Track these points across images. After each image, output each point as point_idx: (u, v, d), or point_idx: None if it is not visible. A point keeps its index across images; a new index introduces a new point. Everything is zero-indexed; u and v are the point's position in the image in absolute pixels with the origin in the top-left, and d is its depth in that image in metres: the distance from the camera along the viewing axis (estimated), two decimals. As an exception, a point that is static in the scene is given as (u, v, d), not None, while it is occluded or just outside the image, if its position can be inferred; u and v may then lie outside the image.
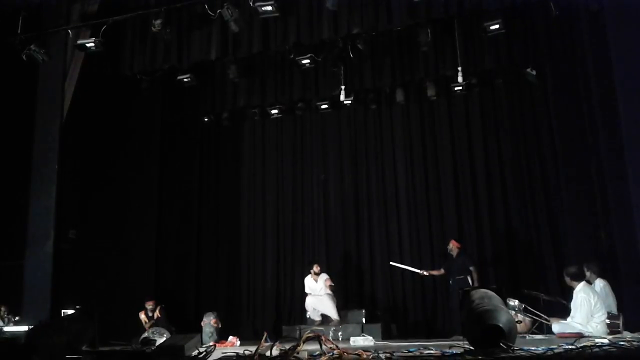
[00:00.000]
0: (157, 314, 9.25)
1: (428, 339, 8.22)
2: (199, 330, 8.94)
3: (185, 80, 9.91)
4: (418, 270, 9.63)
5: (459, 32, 9.20)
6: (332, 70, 10.02)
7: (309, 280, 9.55)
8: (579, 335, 6.17)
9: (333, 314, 9.21)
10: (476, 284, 8.83)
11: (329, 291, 9.37)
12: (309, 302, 9.42)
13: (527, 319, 7.72)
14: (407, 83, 10.33)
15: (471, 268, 9.04)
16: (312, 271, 9.56)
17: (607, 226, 8.22)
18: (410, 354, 4.20)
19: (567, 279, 7.06)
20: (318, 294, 9.38)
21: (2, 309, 8.68)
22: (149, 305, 9.27)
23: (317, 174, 11.24)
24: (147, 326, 9.07)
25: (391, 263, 10.01)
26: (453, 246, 9.26)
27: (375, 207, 10.73)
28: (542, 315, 7.62)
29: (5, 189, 9.22)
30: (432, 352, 4.19)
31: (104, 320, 5.75)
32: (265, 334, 4.93)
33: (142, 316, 9.25)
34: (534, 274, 9.50)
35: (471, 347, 4.12)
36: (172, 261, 10.97)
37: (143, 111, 10.79)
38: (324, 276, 9.52)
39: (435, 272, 9.51)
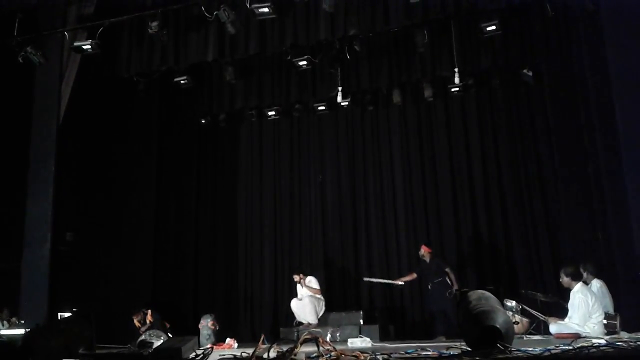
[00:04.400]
0: (149, 318, 9.20)
1: (426, 340, 8.22)
2: (197, 332, 8.93)
3: (182, 82, 9.91)
4: (392, 282, 9.60)
5: (456, 33, 9.20)
6: (329, 71, 10.01)
7: (298, 287, 9.54)
8: (576, 336, 6.17)
9: (310, 318, 9.13)
10: (455, 285, 8.87)
11: (311, 294, 9.27)
12: (292, 306, 9.40)
13: (525, 319, 7.73)
14: (404, 84, 10.34)
15: (447, 269, 9.06)
16: (295, 281, 9.51)
17: (603, 226, 8.24)
18: (407, 355, 4.20)
19: (565, 279, 7.05)
20: (301, 297, 9.38)
21: (5, 311, 8.65)
22: (138, 317, 9.19)
23: (314, 175, 11.24)
24: (140, 331, 9.04)
25: (364, 279, 9.96)
26: (425, 251, 9.26)
27: (372, 208, 10.74)
28: (539, 314, 7.63)
29: (2, 191, 9.19)
30: (429, 353, 4.20)
31: (101, 323, 5.74)
32: (263, 336, 4.92)
33: (136, 322, 9.22)
34: (531, 275, 9.52)
35: (468, 348, 4.12)
36: (169, 263, 10.94)
37: (140, 113, 10.77)
38: (308, 280, 9.45)
39: (408, 278, 9.49)
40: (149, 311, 9.26)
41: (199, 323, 9.22)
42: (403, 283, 9.57)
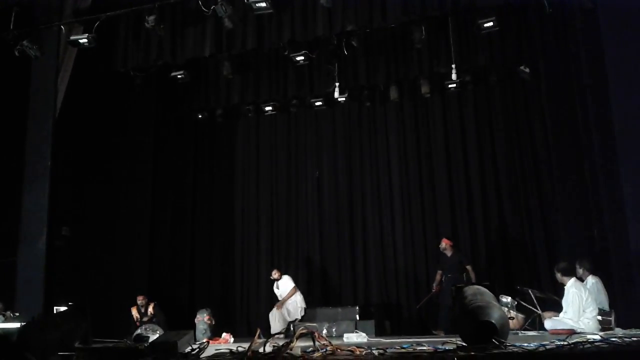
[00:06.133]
0: (150, 310, 9.24)
1: (421, 336, 8.24)
2: (193, 327, 8.93)
3: (179, 76, 9.87)
4: (432, 292, 9.37)
5: (453, 29, 9.20)
6: (326, 67, 9.99)
7: (274, 289, 9.53)
8: (571, 332, 6.21)
9: (275, 327, 9.03)
10: (473, 283, 8.80)
11: (287, 296, 9.24)
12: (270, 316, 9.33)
13: (520, 315, 7.75)
14: (401, 80, 10.34)
15: (468, 267, 9.02)
16: (272, 278, 9.51)
17: (599, 224, 8.26)
18: (403, 350, 4.21)
19: (558, 275, 7.11)
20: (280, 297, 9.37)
21: (0, 305, 8.65)
22: (140, 300, 9.26)
23: (311, 170, 11.24)
24: (138, 322, 9.07)
25: (417, 307, 9.71)
26: (446, 245, 9.21)
27: (369, 204, 10.74)
28: (534, 308, 7.66)
29: (-2, 186, 9.17)
30: (425, 348, 4.21)
31: (97, 317, 5.73)
32: (259, 331, 4.93)
33: (134, 312, 9.26)
34: (527, 271, 9.56)
35: (464, 343, 4.13)
36: (166, 258, 10.95)
37: (137, 108, 10.75)
38: (283, 280, 9.43)
39: (438, 278, 9.27)
40: (152, 304, 9.29)
41: (195, 317, 9.22)
42: (437, 287, 9.27)
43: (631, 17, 7.39)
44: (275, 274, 9.47)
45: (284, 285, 9.41)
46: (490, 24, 8.34)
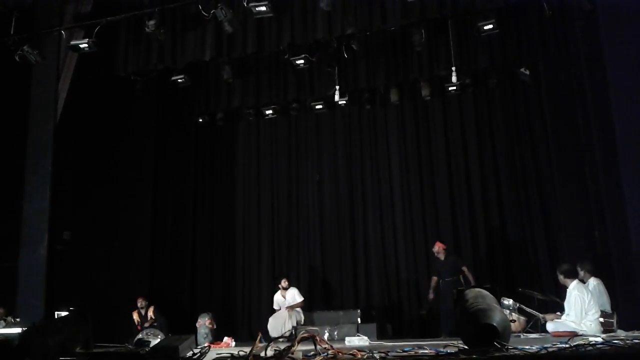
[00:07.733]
0: (150, 314, 9.23)
1: (423, 339, 8.22)
2: (194, 331, 8.92)
3: (179, 80, 9.91)
4: (430, 301, 9.32)
5: (453, 32, 9.20)
6: (326, 70, 10.01)
7: (277, 296, 9.45)
8: (573, 334, 6.19)
9: (271, 332, 8.92)
10: (473, 284, 8.75)
11: (295, 305, 9.21)
12: (271, 322, 9.19)
13: (522, 318, 7.74)
14: (401, 83, 10.36)
15: (464, 268, 8.97)
16: (280, 286, 9.46)
17: (600, 225, 8.24)
18: (405, 353, 4.20)
19: (560, 277, 7.09)
20: (279, 307, 9.31)
21: (2, 310, 8.66)
22: (140, 302, 9.26)
23: (311, 174, 11.24)
24: (139, 326, 9.07)
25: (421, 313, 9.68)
26: (439, 248, 9.15)
27: (370, 207, 10.74)
28: (536, 313, 7.65)
29: (-1, 190, 9.18)
30: (426, 351, 4.20)
31: (98, 321, 5.73)
32: (260, 335, 4.92)
33: (135, 316, 9.26)
34: (529, 273, 9.54)
35: (465, 347, 4.12)
36: (167, 262, 10.94)
37: (137, 112, 10.77)
38: (292, 291, 9.41)
39: (433, 284, 9.21)
40: (152, 308, 9.28)
41: (197, 322, 9.22)
42: (432, 293, 9.18)
43: (631, 18, 7.39)
44: (284, 283, 9.43)
45: (292, 297, 9.35)
46: (490, 26, 8.35)
